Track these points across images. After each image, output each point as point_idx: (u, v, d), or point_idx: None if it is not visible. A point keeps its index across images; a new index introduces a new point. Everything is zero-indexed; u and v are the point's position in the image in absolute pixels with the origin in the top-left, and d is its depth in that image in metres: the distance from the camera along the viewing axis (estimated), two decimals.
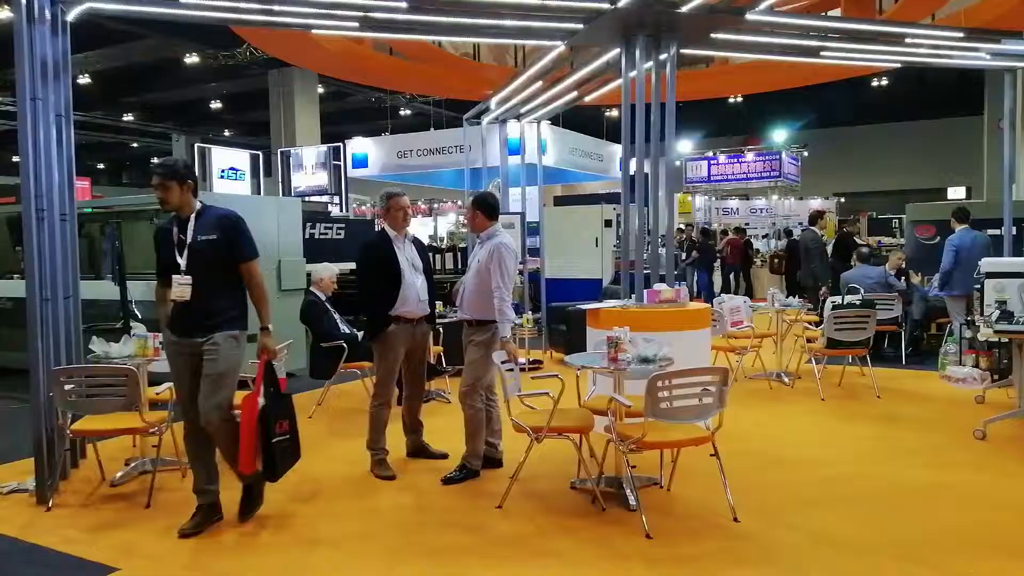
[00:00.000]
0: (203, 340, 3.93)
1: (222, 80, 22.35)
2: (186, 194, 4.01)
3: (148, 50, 19.20)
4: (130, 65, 20.64)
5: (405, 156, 16.63)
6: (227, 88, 23.42)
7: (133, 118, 24.90)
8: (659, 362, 4.40)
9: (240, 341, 4.08)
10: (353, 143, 17.91)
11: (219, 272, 3.99)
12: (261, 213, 7.83)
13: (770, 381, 7.48)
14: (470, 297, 4.84)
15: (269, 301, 4.16)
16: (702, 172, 19.35)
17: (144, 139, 27.10)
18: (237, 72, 21.26)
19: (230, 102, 24.09)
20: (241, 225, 4.09)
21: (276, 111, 21.14)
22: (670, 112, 5.94)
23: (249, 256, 4.09)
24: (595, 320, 5.88)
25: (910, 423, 6.06)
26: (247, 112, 24.22)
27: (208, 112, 24.68)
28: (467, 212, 4.93)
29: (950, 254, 7.99)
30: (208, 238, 3.96)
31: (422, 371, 5.19)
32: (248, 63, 19.15)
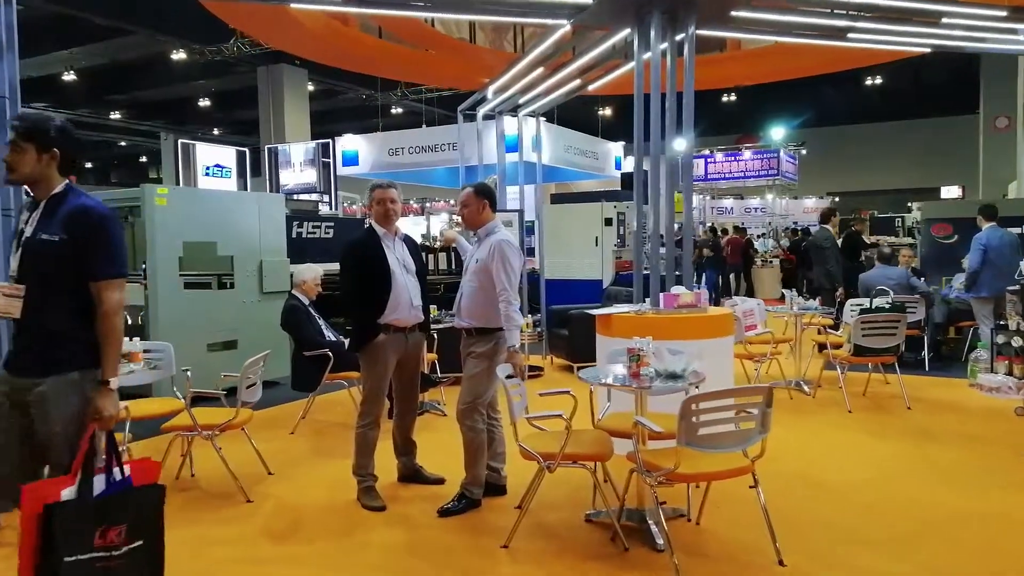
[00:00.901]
0: (31, 384, 2.59)
1: (211, 77, 21.62)
2: (47, 167, 2.68)
3: (134, 46, 18.49)
4: (116, 62, 19.93)
5: (397, 153, 15.96)
6: (216, 85, 22.68)
7: (120, 116, 24.11)
8: (688, 378, 3.76)
9: (82, 385, 2.60)
10: (343, 140, 17.23)
11: (61, 285, 2.63)
12: (241, 209, 7.16)
13: (789, 390, 6.86)
14: (469, 302, 4.19)
15: (121, 342, 2.69)
16: (698, 170, 18.74)
17: (132, 138, 26.31)
18: (226, 69, 20.56)
19: (219, 100, 23.34)
20: (103, 227, 2.64)
21: (265, 108, 20.43)
22: (688, 100, 5.32)
23: (103, 274, 2.62)
24: (606, 327, 5.24)
25: (950, 439, 5.44)
26: (237, 110, 23.48)
27: (197, 110, 23.90)
28: (464, 204, 4.26)
29: (978, 253, 7.40)
30: (50, 237, 2.61)
31: (415, 385, 4.53)
32: (236, 59, 18.46)
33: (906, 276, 7.82)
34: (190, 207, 6.65)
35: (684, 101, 5.31)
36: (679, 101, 5.25)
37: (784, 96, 23.77)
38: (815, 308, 7.03)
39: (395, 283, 4.21)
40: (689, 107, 5.31)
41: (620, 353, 4.01)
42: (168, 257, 6.41)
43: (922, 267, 9.28)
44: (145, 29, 16.89)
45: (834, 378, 6.88)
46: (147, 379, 4.81)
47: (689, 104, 5.31)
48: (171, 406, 4.48)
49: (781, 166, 18.00)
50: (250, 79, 20.63)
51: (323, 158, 13.78)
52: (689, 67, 5.32)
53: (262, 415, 6.37)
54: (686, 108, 5.31)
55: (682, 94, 5.25)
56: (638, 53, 5.44)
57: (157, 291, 6.31)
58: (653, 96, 5.31)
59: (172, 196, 6.47)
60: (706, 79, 9.34)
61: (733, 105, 25.32)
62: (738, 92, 24.80)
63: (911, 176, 26.33)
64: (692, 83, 5.33)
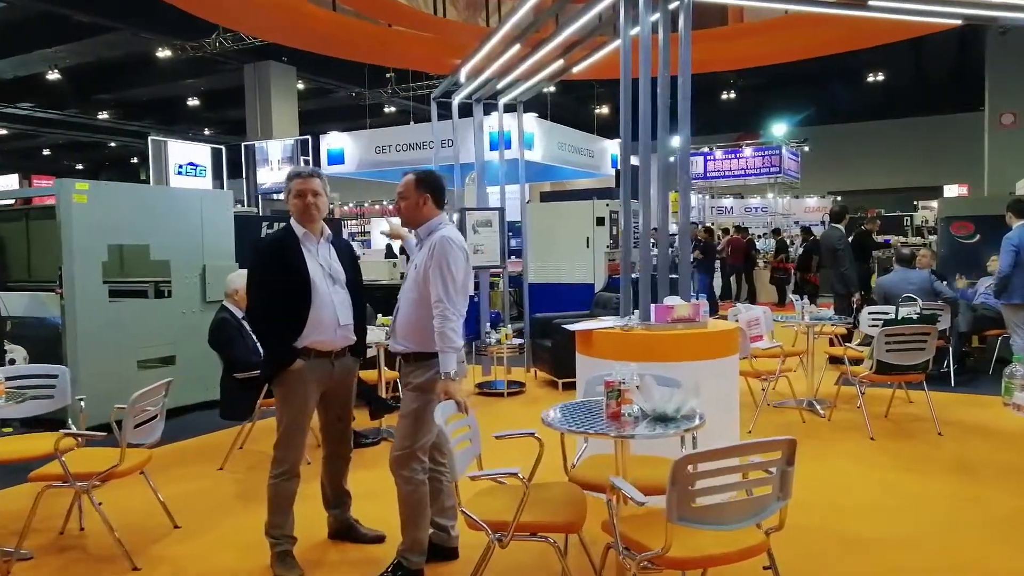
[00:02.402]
0: None
1: (198, 76, 20.78)
2: None
3: (119, 44, 17.65)
4: (101, 60, 19.08)
5: (384, 151, 15.08)
6: (204, 84, 21.82)
7: (108, 116, 23.24)
8: (682, 422, 2.85)
9: None
10: (329, 138, 16.34)
11: None
12: (181, 208, 6.24)
13: (801, 411, 5.93)
14: (405, 319, 3.27)
15: None
16: (697, 168, 17.78)
17: (121, 138, 25.45)
18: (213, 67, 19.70)
19: (208, 99, 22.47)
20: None
21: (252, 107, 19.52)
22: (685, 82, 4.38)
23: None
24: (587, 345, 4.31)
25: (995, 475, 4.50)
26: (226, 110, 22.60)
27: (186, 110, 23.04)
28: (401, 195, 3.33)
29: (1009, 255, 6.44)
30: None
31: (346, 423, 3.60)
32: (222, 56, 17.58)
33: (929, 280, 6.89)
34: (116, 206, 5.73)
35: (680, 83, 4.37)
36: (673, 84, 4.32)
37: (785, 93, 22.85)
38: (830, 317, 6.08)
39: (317, 296, 3.29)
40: (685, 89, 4.38)
41: (601, 381, 3.09)
42: (89, 262, 5.49)
43: (940, 269, 8.35)
44: (128, 26, 16.08)
45: (851, 394, 5.96)
46: (30, 411, 3.89)
47: (686, 86, 4.37)
48: (43, 447, 3.55)
49: (783, 163, 17.02)
50: (239, 78, 19.76)
51: (303, 155, 12.83)
52: (685, 41, 4.38)
53: (192, 445, 5.45)
54: (682, 91, 4.37)
55: (677, 77, 4.31)
56: (624, 25, 4.51)
57: (75, 301, 5.39)
58: (643, 78, 4.38)
59: (94, 193, 5.54)
60: (704, 60, 8.36)
61: (733, 103, 24.39)
62: (738, 89, 23.89)
63: (914, 175, 25.35)
64: (688, 60, 4.40)
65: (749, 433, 5.43)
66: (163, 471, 4.80)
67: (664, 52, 4.35)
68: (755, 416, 5.60)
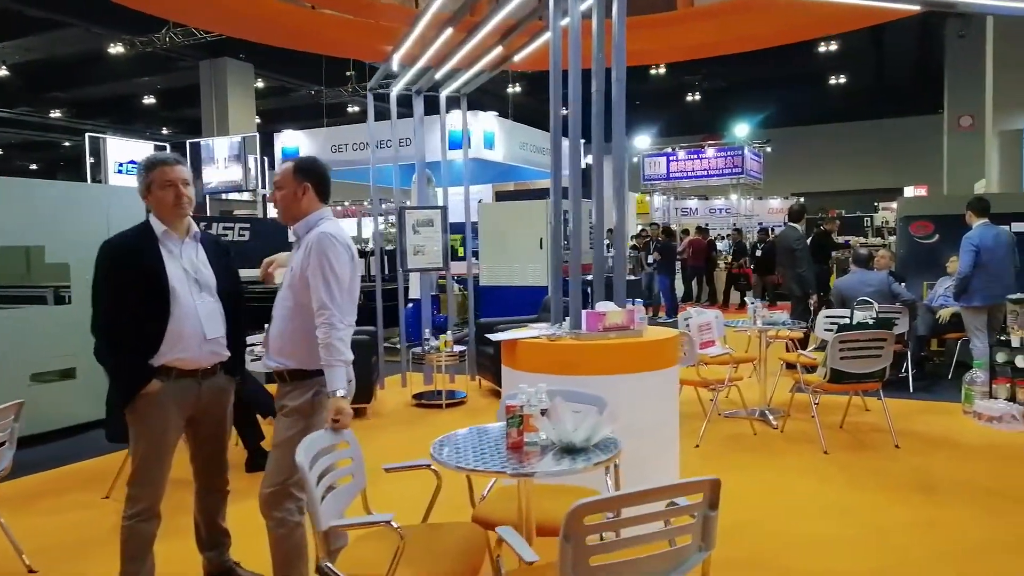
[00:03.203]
0: None
1: (154, 73, 20.01)
2: None
3: (71, 40, 16.86)
4: (53, 57, 18.25)
5: (340, 150, 14.50)
6: (160, 82, 21.04)
7: (61, 115, 22.34)
8: (595, 453, 2.37)
9: None
10: (283, 136, 15.71)
11: None
12: (82, 206, 5.64)
13: (752, 421, 5.50)
14: (280, 332, 2.75)
15: None
16: (660, 169, 17.45)
17: (76, 137, 24.48)
18: (168, 65, 18.97)
19: (164, 97, 21.69)
20: None
21: (208, 106, 18.81)
22: (619, 78, 3.91)
23: None
24: (511, 356, 3.83)
25: (958, 493, 4.10)
26: (183, 108, 21.83)
27: (142, 108, 22.22)
28: (277, 185, 2.82)
29: (969, 255, 6.09)
30: None
31: (220, 452, 3.07)
32: (171, 51, 16.86)
33: (887, 282, 6.52)
34: (3, 203, 5.13)
35: (614, 77, 3.90)
36: (608, 79, 3.85)
37: (749, 96, 22.66)
38: (784, 322, 5.66)
39: (177, 305, 2.77)
40: (620, 85, 3.89)
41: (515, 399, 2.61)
42: None
43: (899, 270, 8.01)
44: (79, 21, 15.33)
45: (806, 403, 5.55)
46: None
47: (620, 83, 3.89)
48: None
49: (746, 164, 16.74)
50: (196, 75, 19.03)
51: (252, 154, 12.21)
52: (619, 27, 3.91)
53: (82, 469, 4.86)
54: (616, 84, 3.89)
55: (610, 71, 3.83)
56: (554, 13, 4.04)
57: None
58: (572, 69, 3.91)
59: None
60: (650, 49, 7.88)
61: (697, 104, 24.15)
62: (703, 91, 23.65)
63: (876, 176, 25.34)
64: (623, 48, 3.91)
65: (696, 447, 5.00)
66: (38, 500, 4.23)
67: (599, 40, 3.88)
68: (703, 428, 5.16)
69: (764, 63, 20.33)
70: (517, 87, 22.07)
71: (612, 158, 4.04)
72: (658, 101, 23.93)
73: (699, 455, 4.85)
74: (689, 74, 21.92)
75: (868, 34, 18.90)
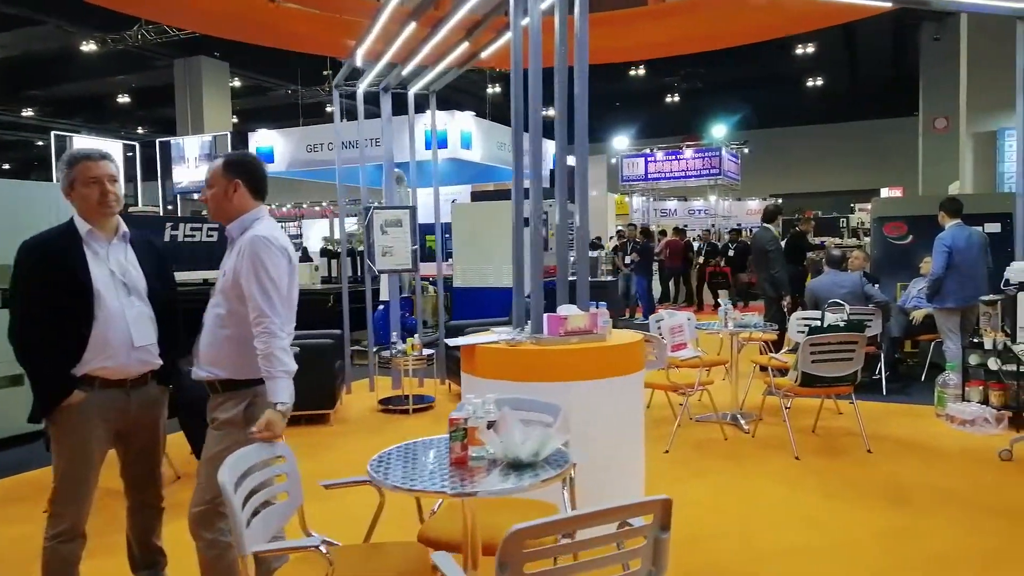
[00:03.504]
0: None
1: (129, 72, 19.64)
2: None
3: (43, 37, 16.49)
4: (27, 54, 17.83)
5: (315, 150, 14.28)
6: (135, 81, 20.65)
7: (34, 113, 21.87)
8: (544, 469, 2.21)
9: None
10: (257, 136, 15.47)
11: None
12: (32, 205, 5.40)
13: (723, 425, 5.36)
14: (211, 339, 2.56)
15: None
16: (639, 170, 17.35)
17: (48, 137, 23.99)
18: (143, 63, 18.62)
19: (139, 96, 21.30)
20: None
21: (182, 104, 18.48)
22: (582, 70, 3.75)
23: None
24: (470, 362, 3.66)
25: (929, 500, 3.98)
26: (159, 108, 21.45)
27: (117, 107, 21.81)
28: (208, 183, 2.63)
29: (942, 256, 6.01)
30: None
31: (153, 467, 2.87)
32: (145, 49, 16.56)
33: (860, 283, 6.42)
34: None
35: (577, 71, 3.74)
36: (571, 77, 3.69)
37: (727, 97, 22.65)
38: (756, 324, 5.53)
39: (102, 310, 2.57)
40: (582, 80, 3.73)
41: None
42: None
43: (874, 271, 7.94)
44: (51, 18, 14.98)
45: (778, 406, 5.43)
46: None
47: (582, 78, 3.73)
48: None
49: (723, 165, 16.68)
50: (171, 74, 18.68)
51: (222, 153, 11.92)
52: (582, 22, 3.75)
53: (30, 479, 4.63)
54: (578, 82, 3.73)
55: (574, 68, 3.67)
56: (515, 12, 3.88)
57: None
58: (533, 66, 3.75)
59: None
60: (617, 47, 7.69)
61: (676, 106, 24.12)
62: (681, 92, 23.61)
63: (853, 178, 25.44)
64: (586, 44, 3.76)
65: (666, 453, 4.85)
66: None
67: (561, 36, 3.72)
68: (673, 433, 5.01)
69: (742, 65, 20.36)
70: (496, 87, 21.94)
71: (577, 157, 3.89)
72: (637, 102, 23.87)
73: (669, 461, 4.71)
74: (668, 75, 21.90)
75: (844, 37, 18.94)
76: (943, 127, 17.23)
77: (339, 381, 6.02)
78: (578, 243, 3.87)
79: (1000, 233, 7.04)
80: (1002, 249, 6.54)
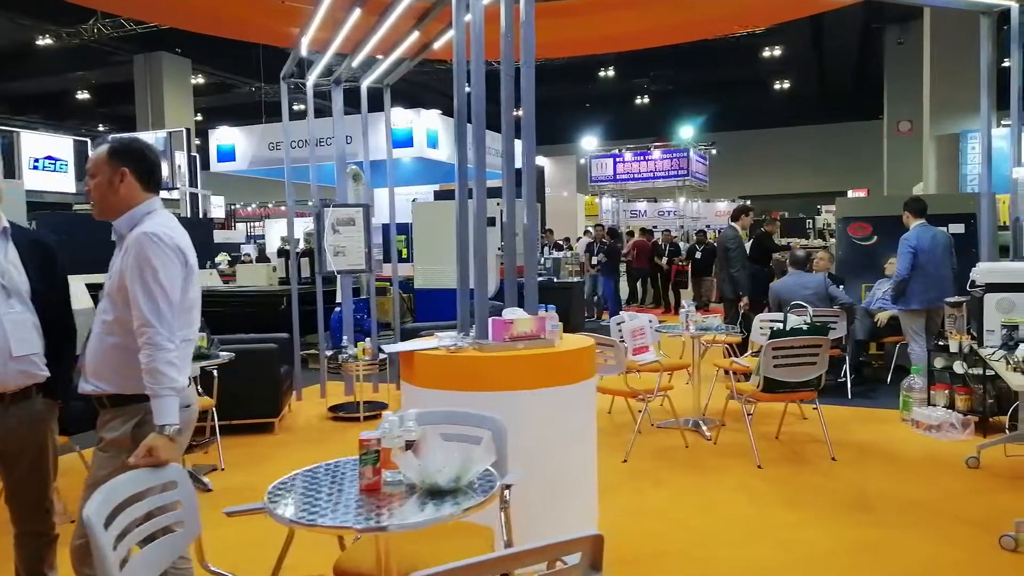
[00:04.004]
0: None
1: (88, 68, 19.01)
2: None
3: None
4: None
5: (278, 148, 13.86)
6: (95, 78, 20.01)
7: None
8: (465, 496, 1.93)
9: None
10: (218, 133, 15.01)
11: None
12: None
13: (684, 432, 5.13)
14: (95, 349, 2.24)
15: None
16: (607, 171, 17.18)
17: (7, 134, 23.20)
18: (103, 59, 18.01)
19: (99, 93, 20.65)
20: None
21: (143, 101, 17.91)
22: (528, 63, 3.47)
23: None
24: (409, 370, 3.37)
25: (897, 511, 3.78)
26: (119, 104, 20.81)
27: (76, 104, 21.14)
28: (90, 173, 2.31)
29: (906, 257, 5.85)
30: None
31: (42, 490, 2.54)
32: (102, 43, 15.98)
33: (824, 284, 6.24)
34: None
35: (523, 61, 3.47)
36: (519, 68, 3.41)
37: (697, 100, 22.64)
38: (717, 327, 5.32)
39: None
40: (529, 71, 3.46)
41: (392, 425, 2.13)
42: None
43: (839, 272, 7.79)
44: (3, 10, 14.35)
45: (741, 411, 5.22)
46: None
47: (528, 68, 3.45)
48: None
49: (691, 166, 16.56)
50: (132, 70, 18.09)
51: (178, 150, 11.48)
52: (527, 17, 3.47)
53: None
54: (525, 77, 3.45)
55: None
56: (457, 6, 3.60)
57: None
58: (475, 60, 3.47)
59: None
60: (567, 39, 7.38)
61: (646, 108, 24.05)
62: (651, 94, 23.52)
63: (820, 180, 25.62)
64: (532, 38, 3.48)
65: (624, 463, 4.60)
66: None
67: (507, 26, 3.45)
68: (631, 442, 4.76)
69: (712, 67, 20.35)
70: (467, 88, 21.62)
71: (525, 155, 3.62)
72: (608, 104, 23.76)
73: (626, 471, 4.46)
74: (638, 77, 21.80)
75: (810, 40, 18.98)
76: (907, 130, 17.35)
77: (286, 387, 5.69)
78: (526, 244, 3.60)
79: (964, 234, 6.92)
80: (966, 250, 6.42)
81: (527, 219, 3.55)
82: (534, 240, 3.63)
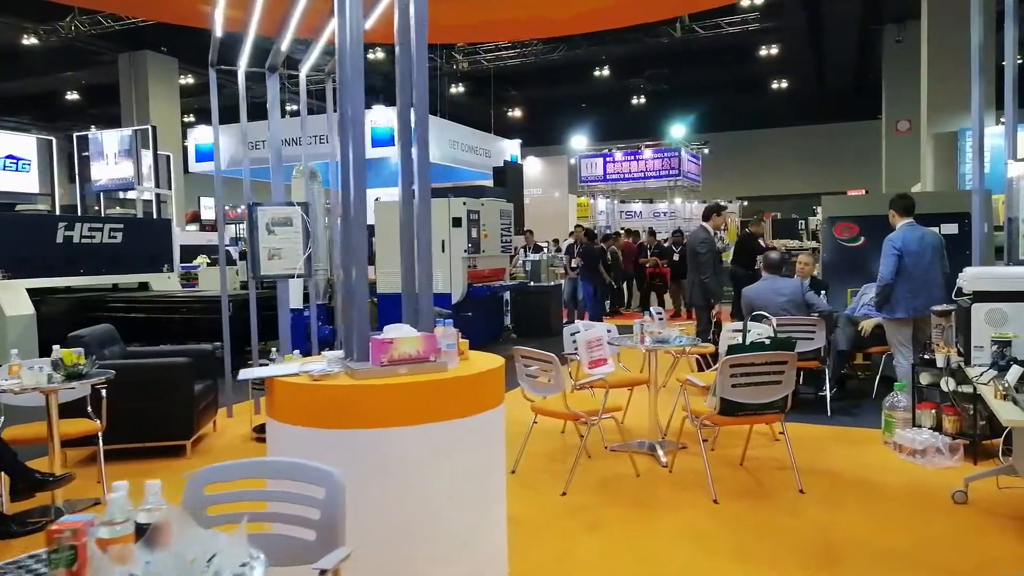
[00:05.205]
0: None
1: (78, 68, 18.54)
2: None
3: None
4: None
5: (258, 147, 13.29)
6: (84, 78, 19.54)
7: None
8: None
9: None
10: (196, 132, 14.52)
11: None
12: None
13: (636, 457, 4.49)
14: None
15: None
16: (597, 171, 16.55)
17: None
18: (89, 59, 17.54)
19: (88, 94, 20.18)
20: None
21: (128, 101, 17.43)
22: (420, 46, 2.89)
23: None
24: (271, 402, 2.76)
25: (867, 562, 3.14)
26: (107, 105, 20.32)
27: (66, 105, 20.69)
28: None
29: (891, 260, 5.20)
30: None
31: None
32: (83, 41, 15.49)
33: (800, 290, 5.60)
34: None
35: (416, 47, 2.89)
36: None
37: (693, 100, 21.96)
38: (678, 339, 4.67)
39: None
40: (421, 61, 2.88)
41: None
42: None
43: (824, 276, 7.15)
44: None
45: (706, 432, 4.60)
46: None
47: (420, 57, 2.87)
48: None
49: (683, 166, 15.91)
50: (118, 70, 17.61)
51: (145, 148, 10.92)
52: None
53: None
54: (417, 64, 2.87)
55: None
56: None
57: None
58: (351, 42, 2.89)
59: None
60: (505, 18, 6.75)
61: (642, 108, 23.37)
62: (646, 94, 22.85)
63: (818, 180, 24.88)
64: (424, 22, 2.89)
65: (563, 495, 3.98)
66: None
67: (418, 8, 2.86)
68: (571, 471, 4.13)
69: (708, 67, 19.70)
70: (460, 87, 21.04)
71: (417, 142, 3.01)
72: (603, 104, 23.13)
73: (562, 507, 3.84)
74: (634, 77, 21.15)
75: (808, 40, 18.29)
76: (905, 129, 16.80)
77: (205, 405, 5.09)
78: (420, 246, 2.99)
79: (957, 235, 6.27)
80: (959, 252, 5.75)
81: (416, 216, 2.94)
82: (427, 242, 3.02)
